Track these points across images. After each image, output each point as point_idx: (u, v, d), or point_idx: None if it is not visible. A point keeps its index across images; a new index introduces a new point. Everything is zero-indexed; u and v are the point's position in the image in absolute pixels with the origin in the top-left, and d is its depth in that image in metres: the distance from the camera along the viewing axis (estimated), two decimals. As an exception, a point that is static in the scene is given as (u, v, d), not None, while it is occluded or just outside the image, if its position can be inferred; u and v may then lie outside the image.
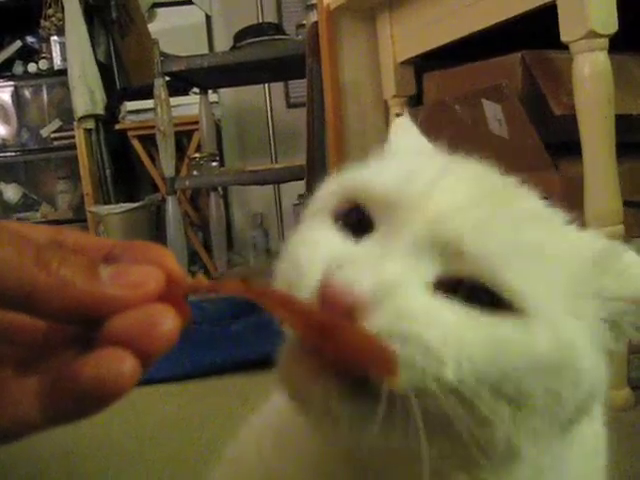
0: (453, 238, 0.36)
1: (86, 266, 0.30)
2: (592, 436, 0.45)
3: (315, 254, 0.38)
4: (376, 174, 0.41)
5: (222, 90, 3.87)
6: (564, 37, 1.26)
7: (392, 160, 0.46)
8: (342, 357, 0.33)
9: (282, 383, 0.37)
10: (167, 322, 0.30)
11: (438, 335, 0.33)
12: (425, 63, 1.89)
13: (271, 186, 3.90)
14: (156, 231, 3.57)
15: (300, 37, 2.78)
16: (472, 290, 0.35)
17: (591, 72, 1.23)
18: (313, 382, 0.35)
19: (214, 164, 2.98)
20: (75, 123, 3.61)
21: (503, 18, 1.47)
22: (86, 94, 3.48)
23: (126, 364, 0.29)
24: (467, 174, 0.41)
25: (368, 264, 0.35)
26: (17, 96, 4.02)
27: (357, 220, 0.40)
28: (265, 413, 0.50)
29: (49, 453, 1.29)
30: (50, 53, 3.91)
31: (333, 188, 0.43)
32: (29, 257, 0.29)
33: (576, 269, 0.38)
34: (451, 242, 0.36)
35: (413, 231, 0.36)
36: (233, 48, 2.90)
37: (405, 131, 0.53)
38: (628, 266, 0.39)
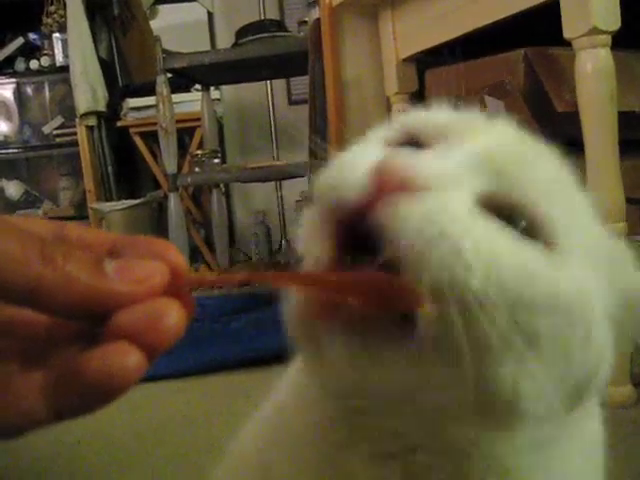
0: (506, 162, 0.37)
1: (91, 261, 0.30)
2: (591, 433, 0.45)
3: (365, 155, 0.38)
4: (429, 114, 0.43)
5: (224, 87, 3.86)
6: (567, 34, 1.26)
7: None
8: (364, 305, 0.33)
9: (297, 331, 0.37)
10: (172, 316, 0.30)
11: (473, 242, 0.33)
12: (427, 60, 1.88)
13: (273, 183, 3.90)
14: (158, 228, 3.57)
15: (302, 34, 2.78)
16: (511, 216, 0.36)
17: (594, 69, 1.23)
18: (332, 319, 0.35)
19: (216, 161, 2.98)
20: (77, 120, 3.61)
21: (506, 15, 1.47)
22: (88, 91, 3.48)
23: (132, 358, 0.29)
24: (506, 125, 0.43)
25: (426, 159, 0.36)
26: (19, 93, 4.02)
27: (410, 146, 0.40)
28: (264, 410, 0.50)
29: (51, 450, 1.29)
30: (52, 50, 3.91)
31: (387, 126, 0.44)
32: (34, 252, 0.29)
33: (596, 234, 0.40)
34: (504, 164, 0.37)
35: (468, 150, 0.38)
36: (235, 45, 2.90)
37: None
38: (629, 264, 0.41)
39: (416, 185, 0.34)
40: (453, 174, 0.36)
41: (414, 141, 0.41)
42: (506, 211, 0.36)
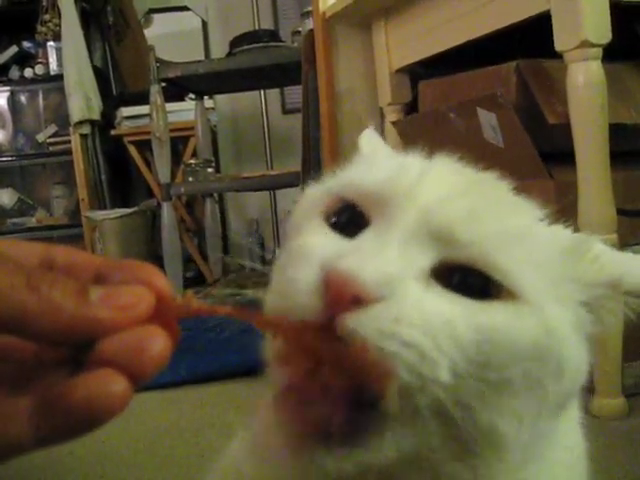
0: (446, 225, 0.37)
1: (76, 289, 0.30)
2: (571, 430, 0.46)
3: (309, 258, 0.38)
4: (366, 172, 0.43)
5: (218, 96, 3.87)
6: (558, 46, 1.27)
7: (373, 161, 0.47)
8: (338, 372, 0.34)
9: (279, 434, 0.37)
10: (157, 344, 0.30)
11: (432, 339, 0.34)
12: (420, 71, 1.89)
13: (267, 192, 3.90)
14: (151, 236, 3.56)
15: (296, 44, 2.79)
16: (465, 277, 0.36)
17: (585, 81, 1.23)
18: (313, 430, 0.35)
19: (210, 170, 2.98)
20: (71, 128, 3.61)
21: (498, 27, 1.48)
22: (82, 99, 3.48)
23: (117, 385, 0.29)
24: (449, 168, 0.43)
25: (369, 254, 0.36)
26: (13, 101, 4.02)
27: (348, 219, 0.41)
28: (249, 425, 0.50)
29: (44, 460, 1.29)
30: (46, 58, 3.91)
31: (322, 189, 0.44)
32: (20, 281, 0.29)
33: (556, 255, 0.40)
34: (444, 229, 0.37)
35: (407, 221, 0.38)
36: (229, 54, 2.91)
37: (374, 141, 0.55)
38: (599, 254, 0.42)
39: (367, 299, 0.34)
40: (399, 264, 0.36)
41: (352, 212, 0.41)
42: (461, 271, 0.37)
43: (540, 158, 1.40)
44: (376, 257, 0.36)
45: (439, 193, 0.39)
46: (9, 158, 4.03)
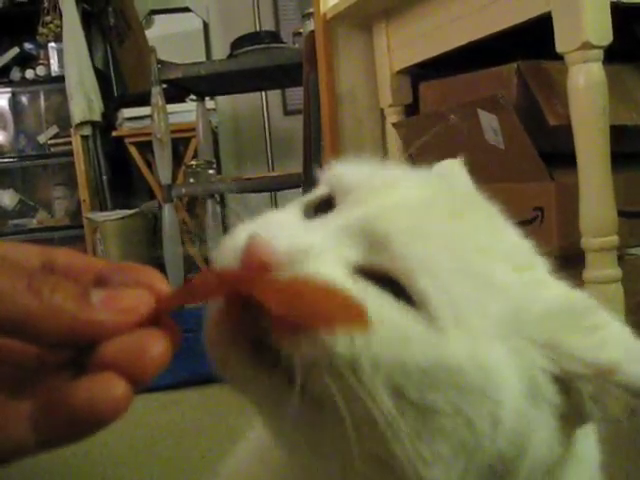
0: (382, 231, 0.36)
1: (77, 292, 0.30)
2: (588, 454, 0.43)
3: (252, 225, 0.39)
4: (352, 168, 0.43)
5: (219, 97, 3.87)
6: (559, 48, 1.27)
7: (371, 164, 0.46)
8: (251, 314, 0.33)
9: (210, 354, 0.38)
10: (157, 347, 0.31)
11: None
12: (421, 72, 1.89)
13: (268, 193, 3.90)
14: (153, 238, 3.56)
15: (297, 45, 2.79)
16: (389, 284, 0.35)
17: (586, 83, 1.23)
18: (229, 350, 0.36)
19: (211, 172, 2.98)
20: (72, 130, 3.61)
21: (499, 28, 1.48)
22: (83, 101, 3.48)
23: (118, 388, 0.29)
24: (431, 185, 0.42)
25: (293, 234, 0.36)
26: (14, 102, 4.02)
27: (325, 206, 0.41)
28: (257, 430, 0.50)
29: (45, 462, 1.29)
30: (48, 59, 3.91)
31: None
32: (22, 284, 0.29)
33: (523, 310, 0.36)
34: (379, 235, 0.36)
35: (350, 217, 0.38)
36: (230, 56, 2.91)
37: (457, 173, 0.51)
38: (600, 326, 0.37)
39: (272, 266, 0.34)
40: (317, 245, 0.36)
41: (331, 203, 0.41)
42: (384, 280, 0.35)
43: (541, 159, 1.40)
44: (301, 235, 0.36)
45: (394, 202, 0.38)
46: (10, 159, 4.03)
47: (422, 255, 0.35)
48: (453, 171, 0.51)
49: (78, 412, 0.29)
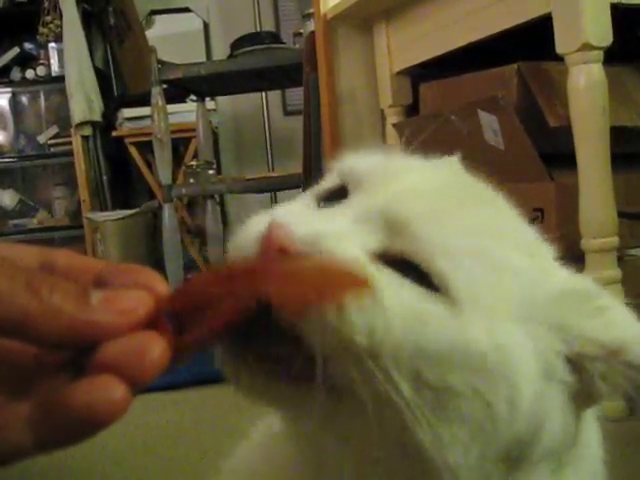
0: (400, 216, 0.36)
1: (77, 292, 0.30)
2: (594, 454, 0.44)
3: (269, 216, 0.39)
4: (364, 157, 0.43)
5: (219, 98, 3.87)
6: (559, 49, 1.27)
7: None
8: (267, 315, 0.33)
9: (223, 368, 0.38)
10: (156, 350, 0.30)
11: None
12: (421, 73, 1.89)
13: (268, 194, 3.91)
14: (153, 238, 3.57)
15: (297, 46, 2.79)
16: (408, 269, 0.35)
17: (586, 84, 1.24)
18: (239, 365, 0.36)
19: (211, 172, 2.98)
20: (72, 130, 3.61)
21: (500, 29, 1.48)
22: (83, 101, 3.48)
23: (116, 391, 0.29)
24: (446, 173, 0.42)
25: (312, 221, 0.37)
26: (14, 102, 4.02)
27: (336, 197, 0.41)
28: (260, 429, 0.50)
29: (43, 462, 1.29)
30: (48, 59, 3.91)
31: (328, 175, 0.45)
32: (20, 284, 0.29)
33: (541, 291, 0.37)
34: (397, 219, 0.36)
35: (367, 204, 0.38)
36: (230, 56, 2.91)
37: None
38: (605, 309, 0.38)
39: (290, 250, 0.34)
40: (336, 231, 0.36)
41: (344, 192, 0.41)
42: (403, 265, 0.35)
43: (541, 160, 1.40)
44: (320, 222, 0.36)
45: (412, 187, 0.39)
46: (10, 159, 4.03)
47: (440, 238, 0.36)
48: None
49: (76, 414, 0.29)
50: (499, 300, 0.36)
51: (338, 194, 0.41)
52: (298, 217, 0.37)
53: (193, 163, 3.03)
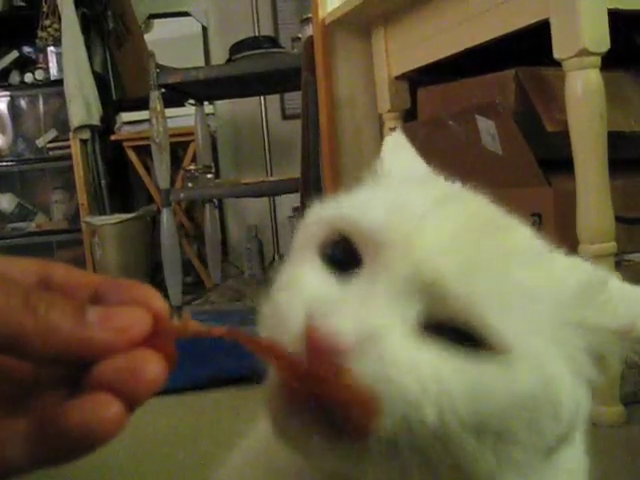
0: (437, 280, 0.36)
1: (73, 309, 0.30)
2: (573, 452, 0.44)
3: (297, 298, 0.38)
4: (365, 206, 0.40)
5: (218, 102, 3.87)
6: (557, 54, 1.28)
7: (381, 189, 0.45)
8: (325, 404, 0.34)
9: (268, 418, 0.38)
10: (152, 368, 0.30)
11: (417, 381, 0.34)
12: (420, 78, 1.90)
13: (266, 198, 3.91)
14: (151, 242, 3.56)
15: (296, 50, 2.80)
16: (456, 331, 0.35)
17: (583, 90, 1.24)
18: (295, 421, 0.36)
19: (209, 176, 2.98)
20: (71, 133, 3.60)
21: (497, 34, 1.48)
22: (82, 105, 3.48)
23: (112, 409, 0.29)
24: (456, 209, 0.41)
25: (352, 310, 0.35)
26: (13, 106, 4.02)
27: (344, 253, 0.40)
28: (254, 435, 0.50)
29: (40, 471, 1.28)
30: (46, 63, 3.91)
31: (320, 217, 0.43)
32: (17, 301, 0.29)
33: (561, 299, 0.38)
34: (435, 284, 0.36)
35: (398, 273, 0.36)
36: (229, 61, 2.91)
37: (398, 149, 0.51)
38: (613, 294, 0.39)
39: (348, 353, 0.34)
40: (383, 320, 0.35)
41: (347, 246, 0.40)
42: (451, 326, 0.36)
43: (538, 166, 1.40)
44: (360, 309, 0.35)
45: (435, 244, 0.37)
46: (9, 163, 4.03)
47: (480, 292, 0.36)
48: (398, 144, 0.51)
49: (72, 432, 0.29)
50: (539, 328, 0.37)
51: (347, 252, 0.40)
52: (334, 306, 0.36)
53: (192, 167, 3.03)
